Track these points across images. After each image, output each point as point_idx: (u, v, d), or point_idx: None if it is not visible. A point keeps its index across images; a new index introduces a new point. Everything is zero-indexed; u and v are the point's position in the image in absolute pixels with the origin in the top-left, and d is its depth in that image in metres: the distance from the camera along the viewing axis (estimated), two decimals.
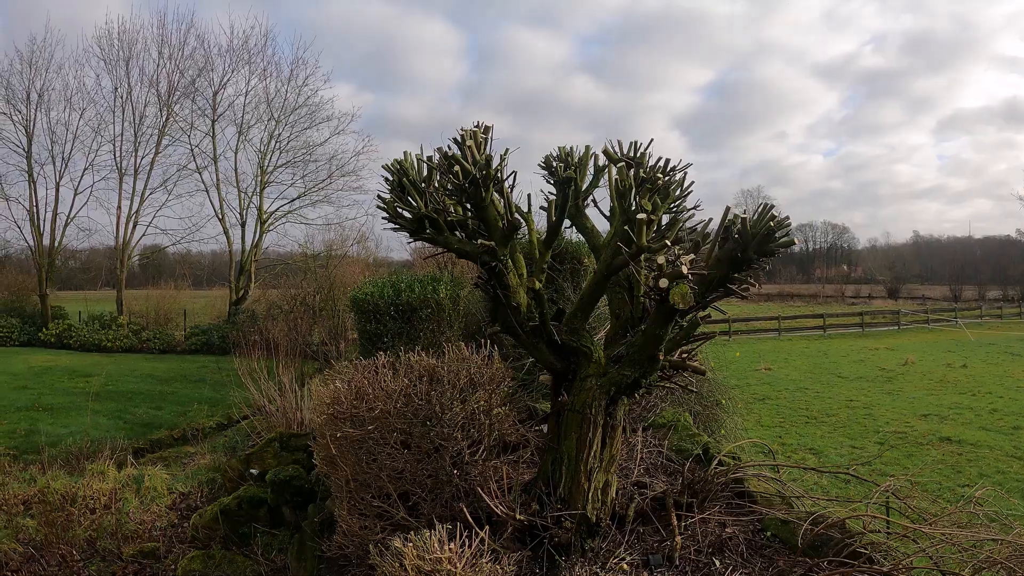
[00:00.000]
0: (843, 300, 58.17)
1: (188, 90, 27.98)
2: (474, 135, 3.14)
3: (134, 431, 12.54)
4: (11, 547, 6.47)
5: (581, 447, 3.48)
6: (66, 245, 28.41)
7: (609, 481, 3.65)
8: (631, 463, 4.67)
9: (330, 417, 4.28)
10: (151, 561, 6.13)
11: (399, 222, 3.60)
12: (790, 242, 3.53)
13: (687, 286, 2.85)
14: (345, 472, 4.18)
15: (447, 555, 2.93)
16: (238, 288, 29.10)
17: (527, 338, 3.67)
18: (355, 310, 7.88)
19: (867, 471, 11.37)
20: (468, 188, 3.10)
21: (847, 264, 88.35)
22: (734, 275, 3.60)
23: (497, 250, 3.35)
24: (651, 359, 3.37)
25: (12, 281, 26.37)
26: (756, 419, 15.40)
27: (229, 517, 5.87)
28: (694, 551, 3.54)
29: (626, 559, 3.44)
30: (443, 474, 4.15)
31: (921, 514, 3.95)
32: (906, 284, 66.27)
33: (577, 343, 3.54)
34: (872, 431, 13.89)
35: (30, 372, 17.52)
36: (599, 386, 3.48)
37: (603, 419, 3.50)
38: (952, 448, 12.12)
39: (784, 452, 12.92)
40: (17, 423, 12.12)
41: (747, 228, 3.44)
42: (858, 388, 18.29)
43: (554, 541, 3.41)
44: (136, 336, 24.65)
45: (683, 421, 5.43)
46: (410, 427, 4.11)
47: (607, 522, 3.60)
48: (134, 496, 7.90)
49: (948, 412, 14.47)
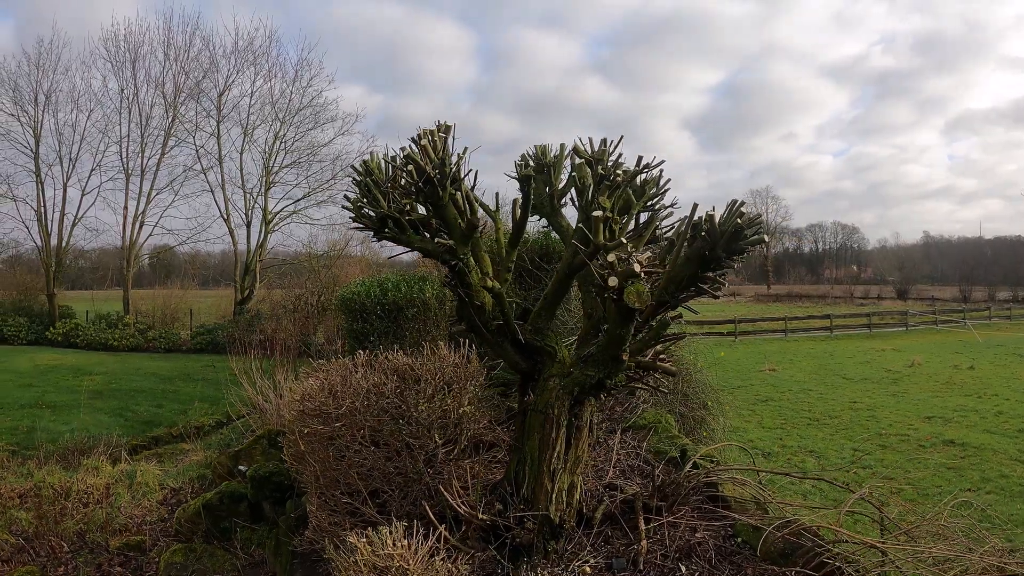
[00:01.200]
0: (852, 301, 57.60)
1: (193, 91, 28.20)
2: (431, 134, 3.11)
3: (134, 428, 12.65)
4: (3, 538, 6.60)
5: (543, 448, 3.44)
6: (74, 245, 28.72)
7: (575, 482, 3.61)
8: (607, 465, 4.62)
9: (300, 413, 4.28)
10: (136, 554, 6.21)
11: (363, 222, 3.58)
12: (759, 240, 3.47)
13: (643, 285, 2.81)
14: (314, 468, 4.18)
15: (399, 552, 2.91)
16: (243, 288, 29.29)
17: (492, 337, 3.64)
18: (343, 309, 7.90)
19: (867, 474, 11.27)
20: (424, 187, 3.07)
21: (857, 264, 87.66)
22: (704, 274, 3.55)
23: (457, 249, 3.32)
24: (614, 360, 3.32)
25: (20, 281, 26.68)
26: (758, 420, 15.29)
27: (211, 512, 5.91)
28: (660, 555, 3.49)
29: (589, 562, 3.40)
30: (413, 472, 4.14)
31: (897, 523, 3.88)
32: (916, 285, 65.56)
33: (541, 343, 3.51)
34: (875, 433, 13.73)
35: (35, 370, 17.70)
36: (562, 386, 3.44)
37: (566, 419, 3.46)
38: (955, 451, 11.95)
39: (784, 454, 12.81)
40: (19, 420, 12.25)
41: (715, 226, 3.39)
42: (863, 390, 18.11)
43: (516, 542, 3.38)
44: (142, 335, 24.85)
45: (664, 423, 5.38)
46: (379, 424, 4.10)
47: (571, 524, 3.55)
48: (126, 491, 7.97)
49: (953, 414, 14.28)
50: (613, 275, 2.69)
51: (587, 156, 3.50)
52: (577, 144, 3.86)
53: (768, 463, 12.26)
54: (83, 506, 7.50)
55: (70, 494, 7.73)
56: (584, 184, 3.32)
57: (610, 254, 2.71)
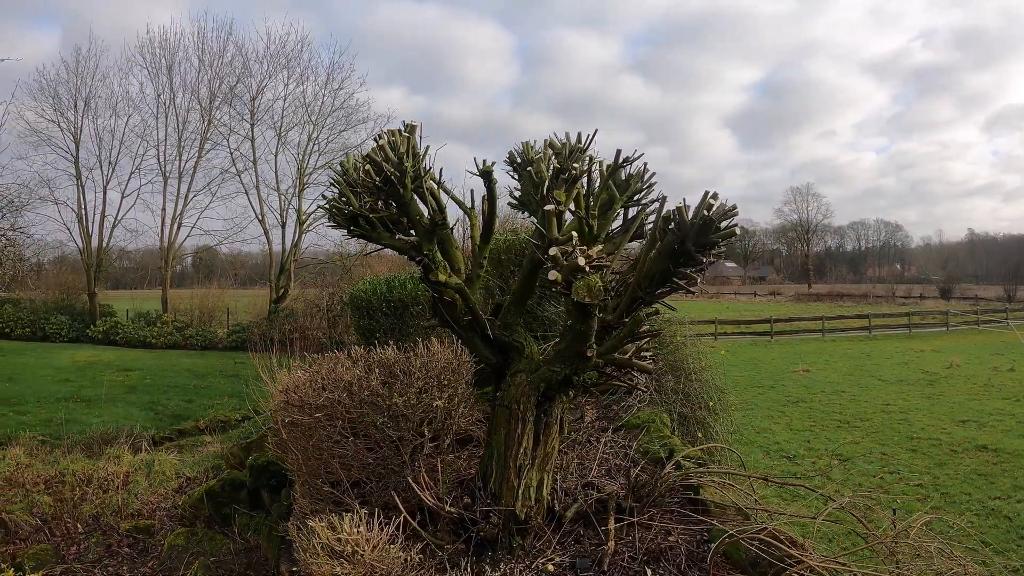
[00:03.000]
0: (894, 300, 55.67)
1: (227, 96, 28.94)
2: (392, 134, 3.14)
3: (163, 422, 13.08)
4: (24, 519, 6.98)
5: (510, 443, 3.43)
6: (114, 246, 29.79)
7: (544, 479, 3.58)
8: (592, 463, 4.58)
9: (283, 403, 4.38)
10: (144, 536, 6.51)
11: (336, 220, 3.63)
12: (731, 233, 3.38)
13: (596, 279, 2.77)
14: (297, 457, 4.27)
15: (355, 537, 2.96)
16: (278, 287, 29.95)
17: (463, 333, 3.65)
18: (351, 306, 8.02)
19: (894, 479, 10.90)
20: (384, 186, 3.10)
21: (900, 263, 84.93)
22: (678, 269, 3.49)
23: (422, 245, 3.33)
24: (579, 356, 3.29)
25: (63, 281, 27.88)
26: (787, 422, 14.94)
27: (213, 498, 6.14)
28: (628, 558, 3.43)
29: (554, 560, 3.37)
30: (395, 464, 4.18)
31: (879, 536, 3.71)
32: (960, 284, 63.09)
33: (509, 338, 3.50)
34: (906, 437, 13.26)
35: (74, 366, 18.45)
36: (529, 382, 3.42)
37: (533, 415, 3.44)
38: (988, 457, 11.45)
39: (809, 456, 12.48)
40: (55, 412, 12.78)
41: (684, 219, 3.32)
42: (897, 392, 17.51)
43: (480, 536, 3.38)
44: (180, 333, 25.65)
45: (657, 423, 5.29)
46: (359, 416, 4.16)
47: (539, 521, 3.53)
48: (144, 479, 8.30)
49: (988, 419, 13.68)
50: (555, 270, 2.66)
51: (560, 150, 3.47)
52: (551, 138, 3.84)
53: (792, 466, 11.99)
54: (103, 492, 7.88)
55: (91, 480, 8.14)
56: (540, 178, 3.29)
57: (552, 248, 2.67)
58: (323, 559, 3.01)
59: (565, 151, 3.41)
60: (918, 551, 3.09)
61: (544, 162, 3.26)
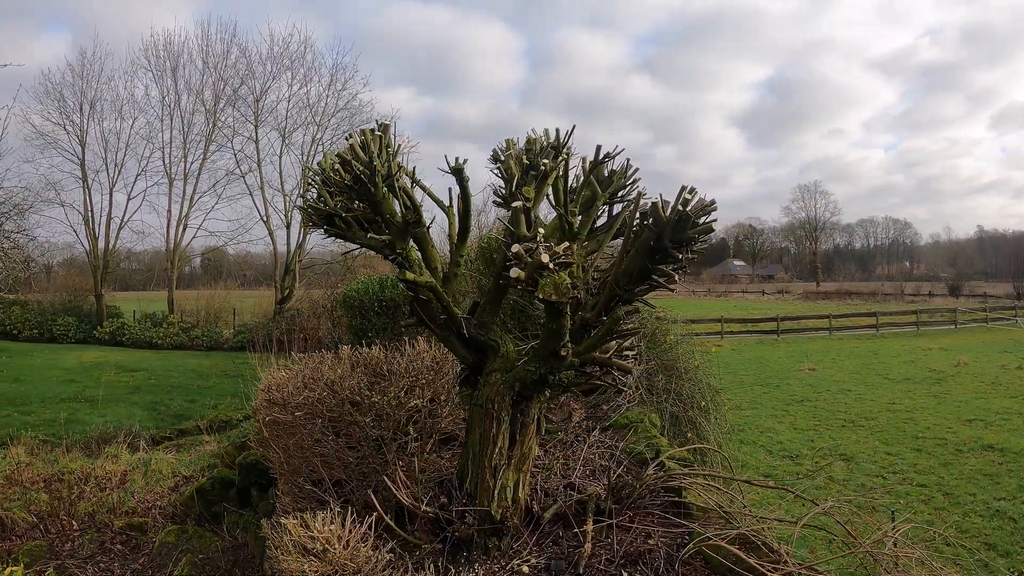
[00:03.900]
0: (903, 298, 55.13)
1: (232, 98, 29.07)
2: (363, 133, 3.12)
3: (165, 421, 13.17)
4: (21, 516, 7.06)
5: (484, 443, 3.40)
6: (122, 247, 30.00)
7: (521, 480, 3.55)
8: (576, 463, 4.54)
9: (265, 402, 4.37)
10: (137, 533, 6.58)
11: (312, 219, 3.62)
12: (708, 229, 3.32)
13: (564, 276, 2.73)
14: (278, 455, 4.27)
15: (325, 535, 2.94)
16: (283, 288, 30.06)
17: (440, 332, 3.62)
18: (344, 306, 8.02)
19: (897, 479, 10.77)
20: (355, 185, 3.08)
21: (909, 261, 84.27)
22: (655, 266, 3.44)
23: (395, 243, 3.31)
24: (553, 355, 3.25)
25: (70, 282, 28.11)
26: (791, 421, 14.83)
27: (204, 496, 6.18)
28: (605, 560, 3.37)
29: (530, 561, 3.34)
30: (375, 462, 4.17)
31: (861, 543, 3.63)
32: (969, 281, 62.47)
33: (484, 337, 3.47)
34: (911, 436, 13.13)
35: (80, 367, 18.59)
36: (504, 381, 3.39)
37: (508, 415, 3.41)
38: (994, 457, 11.31)
39: (812, 457, 12.37)
40: (58, 412, 12.89)
41: (660, 214, 3.27)
42: (904, 390, 17.34)
43: (455, 536, 3.35)
44: (186, 334, 25.80)
45: (646, 423, 5.24)
46: (340, 415, 4.15)
47: (515, 522, 3.49)
48: (141, 478, 8.35)
49: (995, 418, 13.51)
50: (518, 267, 2.62)
51: (531, 146, 3.43)
52: (529, 135, 3.80)
53: (794, 466, 11.88)
54: (100, 490, 7.96)
55: (89, 479, 8.21)
56: (509, 175, 3.26)
57: (514, 246, 2.63)
58: (293, 556, 2.99)
59: (536, 147, 3.37)
60: (896, 559, 3.02)
61: (513, 159, 3.22)
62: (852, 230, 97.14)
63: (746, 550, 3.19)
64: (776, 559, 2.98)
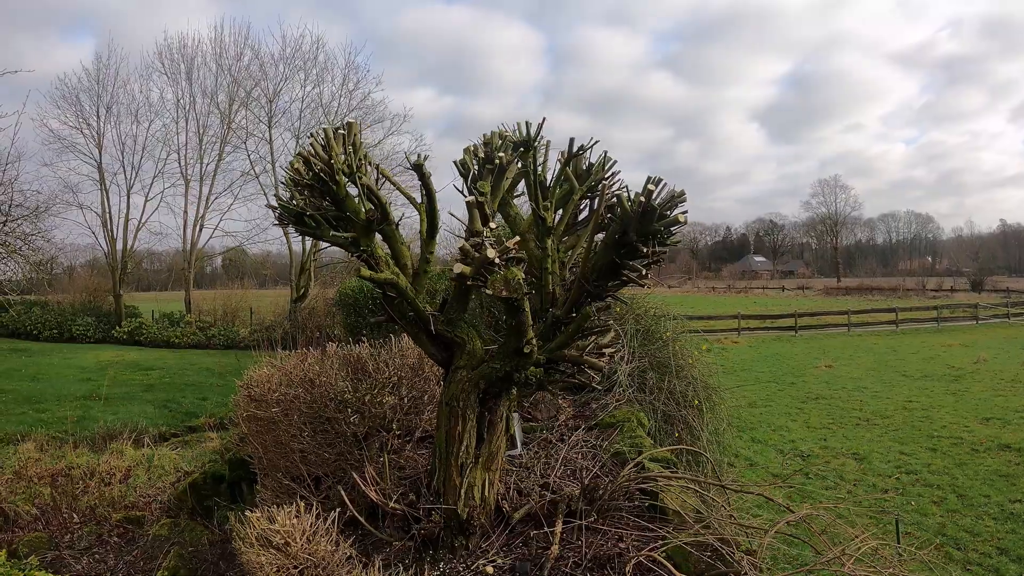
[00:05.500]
0: (924, 293, 53.95)
1: (245, 100, 29.36)
2: (325, 132, 3.10)
3: (175, 419, 13.34)
4: (25, 509, 7.25)
5: (451, 441, 3.36)
6: (139, 248, 30.45)
7: (490, 479, 3.50)
8: (556, 463, 4.48)
9: (245, 398, 4.38)
10: (135, 527, 6.68)
11: (282, 218, 3.61)
12: (674, 221, 3.24)
13: (516, 272, 2.68)
14: (258, 451, 4.28)
15: (287, 529, 2.94)
16: (299, 287, 30.31)
17: (409, 328, 3.59)
18: (340, 304, 8.03)
19: (911, 480, 10.52)
20: (316, 184, 3.06)
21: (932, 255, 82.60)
22: (624, 261, 3.37)
23: (360, 240, 3.29)
24: (517, 352, 3.20)
25: (89, 283, 28.63)
26: (804, 419, 14.60)
27: (196, 490, 6.27)
28: (573, 563, 3.31)
29: (496, 561, 3.30)
30: (353, 459, 4.16)
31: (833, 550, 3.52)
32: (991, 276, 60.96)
33: (451, 333, 3.42)
34: (926, 435, 12.83)
35: (97, 366, 18.92)
36: (469, 379, 3.35)
37: (474, 413, 3.36)
38: (1010, 457, 10.99)
39: (824, 456, 12.14)
40: (72, 410, 13.10)
41: (624, 207, 3.19)
42: (921, 388, 16.97)
43: (421, 533, 3.32)
44: (203, 333, 26.14)
45: (633, 422, 5.16)
46: (318, 412, 4.15)
47: (482, 521, 3.45)
48: (144, 473, 8.48)
49: (1014, 416, 13.14)
50: (462, 263, 2.57)
51: (489, 139, 3.38)
52: (501, 129, 3.75)
53: (805, 466, 11.67)
54: (104, 485, 8.11)
55: (95, 474, 8.37)
56: (465, 169, 3.21)
57: (463, 242, 2.59)
58: (256, 549, 3.00)
59: (495, 142, 3.32)
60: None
61: (469, 154, 3.18)
62: (874, 225, 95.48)
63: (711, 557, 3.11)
64: (738, 570, 2.90)
